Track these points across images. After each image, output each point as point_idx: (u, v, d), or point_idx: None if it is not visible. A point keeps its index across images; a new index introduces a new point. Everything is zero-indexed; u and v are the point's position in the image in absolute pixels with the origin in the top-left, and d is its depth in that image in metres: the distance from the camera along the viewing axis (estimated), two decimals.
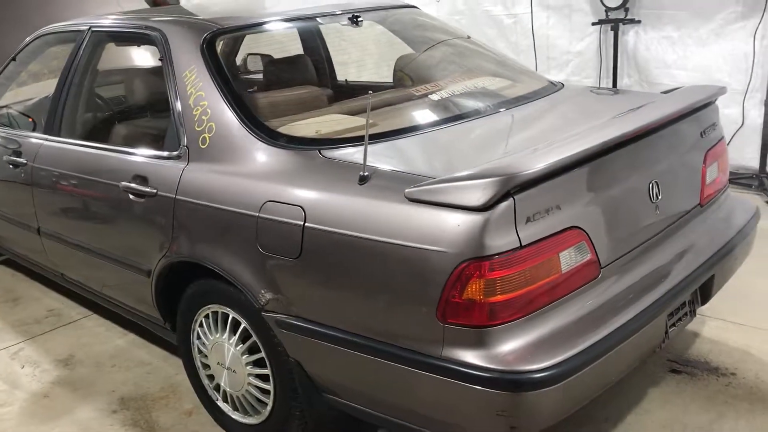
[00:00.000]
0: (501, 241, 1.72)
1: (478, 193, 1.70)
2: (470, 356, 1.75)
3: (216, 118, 2.35)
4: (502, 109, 2.49)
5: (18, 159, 3.19)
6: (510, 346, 1.76)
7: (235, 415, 2.48)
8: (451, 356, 1.77)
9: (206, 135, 2.36)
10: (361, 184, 1.94)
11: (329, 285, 2.00)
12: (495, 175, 1.71)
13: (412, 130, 2.28)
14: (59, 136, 3.05)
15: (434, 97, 2.53)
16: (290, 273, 2.06)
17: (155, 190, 2.45)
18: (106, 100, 3.40)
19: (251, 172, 2.21)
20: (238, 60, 3.69)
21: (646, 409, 2.48)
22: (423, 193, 1.79)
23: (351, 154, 2.13)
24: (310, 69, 3.31)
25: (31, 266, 3.68)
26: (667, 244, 2.22)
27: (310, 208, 2.00)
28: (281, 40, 3.69)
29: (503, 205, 1.72)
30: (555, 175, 1.82)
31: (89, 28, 3.04)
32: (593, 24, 5.08)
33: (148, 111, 3.05)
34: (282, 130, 2.31)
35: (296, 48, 3.55)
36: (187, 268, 2.43)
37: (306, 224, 1.99)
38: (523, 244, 1.75)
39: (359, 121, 2.42)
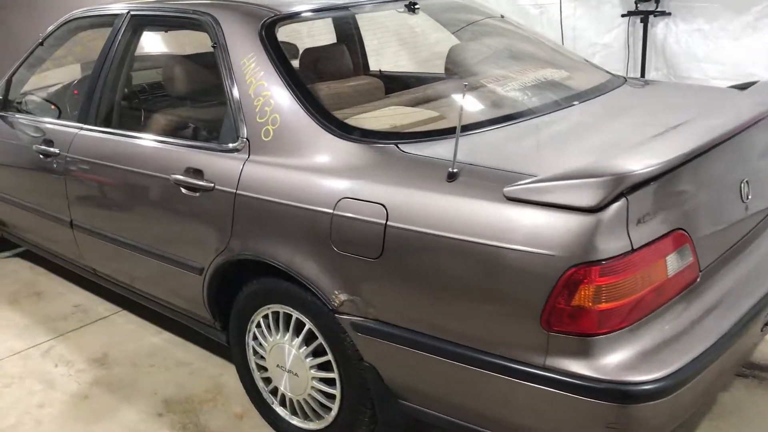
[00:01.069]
0: (613, 244, 1.62)
1: (590, 193, 1.60)
2: (578, 366, 1.66)
3: (280, 110, 2.23)
4: (575, 103, 2.39)
5: (49, 148, 3.04)
6: (619, 356, 1.66)
7: (295, 420, 2.37)
8: (556, 366, 1.68)
9: (269, 127, 2.24)
10: (450, 181, 1.83)
11: (414, 287, 1.89)
12: (608, 174, 1.61)
13: (487, 124, 2.17)
14: (97, 125, 2.91)
15: (503, 89, 2.42)
16: (369, 274, 1.96)
17: (212, 184, 2.32)
18: (150, 89, 3.25)
19: (323, 167, 2.09)
20: None
21: (718, 414, 2.40)
22: (526, 192, 1.69)
23: (432, 148, 2.02)
24: (348, 58, 3.19)
25: (55, 259, 3.54)
26: (756, 245, 2.14)
27: (393, 206, 1.89)
28: (319, 28, 3.57)
29: (616, 205, 1.62)
30: (663, 174, 1.72)
31: (128, 12, 2.89)
32: (622, 16, 4.98)
33: (198, 100, 2.90)
34: (351, 122, 2.19)
35: (337, 36, 3.42)
36: (245, 267, 2.32)
37: (388, 223, 1.88)
38: (634, 247, 1.65)
39: (428, 113, 2.31)
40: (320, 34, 3.53)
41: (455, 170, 1.83)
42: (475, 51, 2.90)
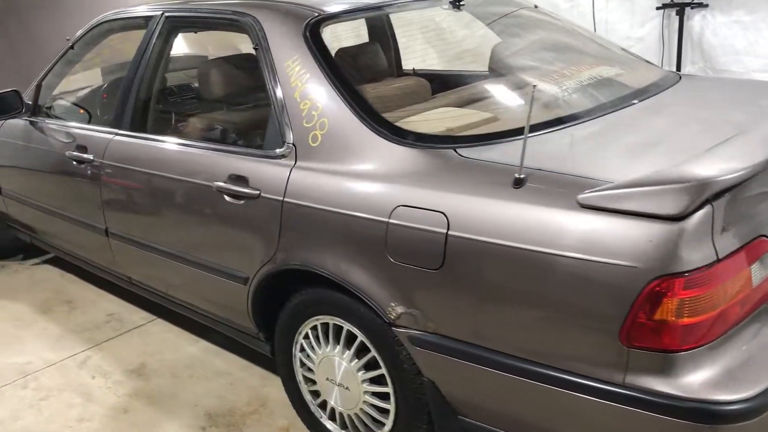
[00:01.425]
0: (697, 254, 1.52)
1: (674, 200, 1.50)
2: (660, 384, 1.56)
3: (329, 114, 2.14)
4: (634, 101, 2.28)
5: (83, 155, 2.97)
6: (704, 373, 1.57)
7: None
8: (637, 383, 1.58)
9: (317, 132, 2.15)
10: (516, 188, 1.73)
11: (478, 300, 1.80)
12: (693, 180, 1.51)
13: (549, 125, 2.06)
14: (132, 130, 2.83)
15: (559, 88, 2.31)
16: (429, 285, 1.87)
17: (257, 192, 2.24)
18: (186, 92, 3.18)
19: (376, 174, 2.00)
20: None
21: None
22: (602, 200, 1.59)
23: (492, 152, 1.92)
24: (383, 57, 3.11)
25: (87, 266, 3.48)
26: None
27: (454, 214, 1.79)
28: (344, 28, 3.47)
29: (701, 213, 1.52)
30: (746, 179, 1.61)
31: (162, 14, 2.82)
32: (657, 8, 4.85)
33: (239, 105, 2.82)
34: (404, 126, 2.10)
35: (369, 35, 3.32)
36: (293, 277, 2.23)
37: (449, 232, 1.78)
38: (719, 257, 1.55)
39: (483, 114, 2.21)
40: (344, 32, 3.44)
41: (522, 176, 1.73)
42: (521, 47, 2.79)
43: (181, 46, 2.93)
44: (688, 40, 4.86)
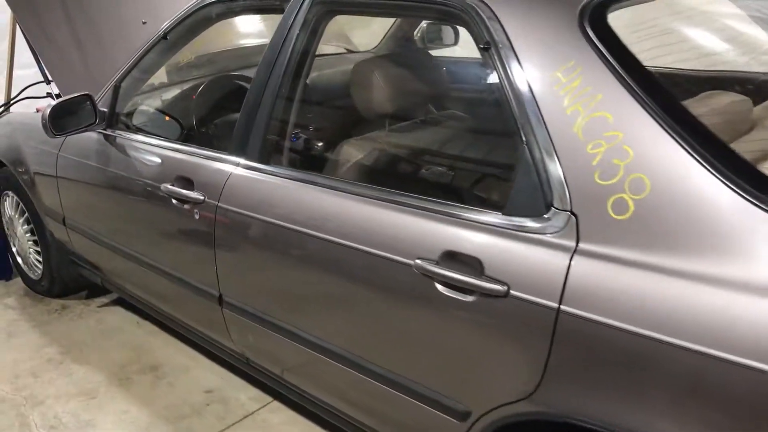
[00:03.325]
0: None
1: None
2: None
3: (651, 164, 1.25)
4: None
5: (187, 192, 2.11)
6: None
7: None
8: None
9: (625, 197, 1.26)
10: None
11: None
12: None
13: None
14: (269, 162, 1.96)
15: None
16: None
17: (504, 287, 1.36)
18: (353, 109, 2.25)
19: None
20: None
21: None
22: None
23: None
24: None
25: (183, 331, 2.64)
26: None
27: None
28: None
29: None
30: None
31: None
32: None
33: (452, 135, 1.93)
34: None
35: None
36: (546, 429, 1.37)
37: None
38: None
39: None
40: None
41: None
42: None
43: (341, 41, 2.04)
44: None
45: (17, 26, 3.78)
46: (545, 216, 1.36)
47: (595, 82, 1.33)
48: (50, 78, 3.61)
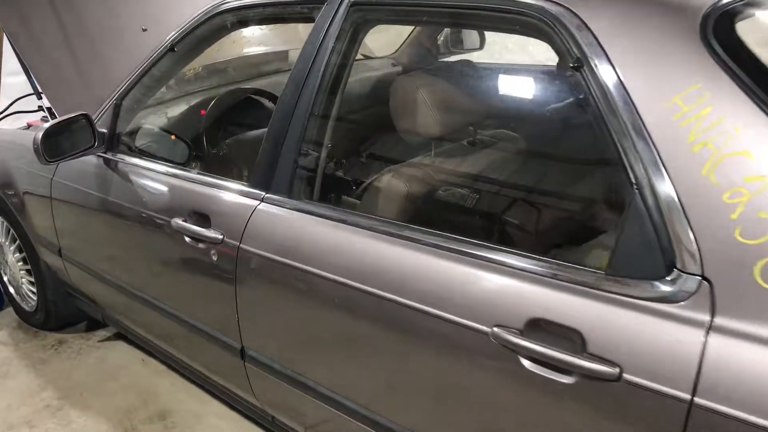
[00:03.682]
0: None
1: None
2: None
3: None
4: None
5: (202, 230, 1.82)
6: None
7: None
8: None
9: None
10: None
11: None
12: None
13: None
14: (299, 196, 1.68)
15: None
16: None
17: (616, 370, 1.09)
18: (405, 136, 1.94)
19: None
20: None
21: None
22: None
23: None
24: None
25: (197, 379, 2.36)
26: None
27: None
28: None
29: None
30: None
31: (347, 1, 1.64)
32: None
33: (530, 174, 1.64)
34: None
35: None
36: None
37: None
38: None
39: None
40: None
41: None
42: None
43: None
44: None
45: (2, 33, 3.48)
46: (667, 279, 1.08)
47: (731, 112, 1.06)
48: (41, 90, 3.32)
